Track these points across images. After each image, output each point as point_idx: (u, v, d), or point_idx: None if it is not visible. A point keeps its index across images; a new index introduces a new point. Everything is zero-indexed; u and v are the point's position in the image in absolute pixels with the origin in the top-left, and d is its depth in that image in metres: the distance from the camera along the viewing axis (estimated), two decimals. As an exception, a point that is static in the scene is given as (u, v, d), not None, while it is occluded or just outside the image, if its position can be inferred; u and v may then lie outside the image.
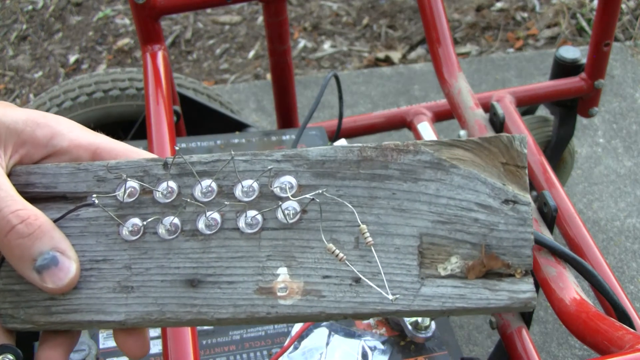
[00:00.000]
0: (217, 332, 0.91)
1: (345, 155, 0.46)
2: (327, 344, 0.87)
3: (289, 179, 0.46)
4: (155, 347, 0.88)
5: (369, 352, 0.87)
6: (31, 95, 2.21)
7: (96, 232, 0.46)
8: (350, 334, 0.89)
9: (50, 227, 0.43)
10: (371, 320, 0.92)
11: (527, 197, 0.45)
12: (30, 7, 2.52)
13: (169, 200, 0.46)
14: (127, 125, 1.35)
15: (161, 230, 0.46)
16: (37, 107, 1.34)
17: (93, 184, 0.47)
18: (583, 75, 1.39)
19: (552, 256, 0.85)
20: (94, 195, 0.46)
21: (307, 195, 0.46)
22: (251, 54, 2.32)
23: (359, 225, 0.45)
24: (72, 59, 2.33)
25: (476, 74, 2.15)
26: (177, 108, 1.19)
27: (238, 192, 0.46)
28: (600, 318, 0.74)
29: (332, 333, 0.88)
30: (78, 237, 0.46)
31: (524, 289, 0.44)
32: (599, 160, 1.87)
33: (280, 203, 0.46)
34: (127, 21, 2.45)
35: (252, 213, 0.46)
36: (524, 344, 0.90)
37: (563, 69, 1.40)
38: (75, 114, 1.32)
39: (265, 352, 0.89)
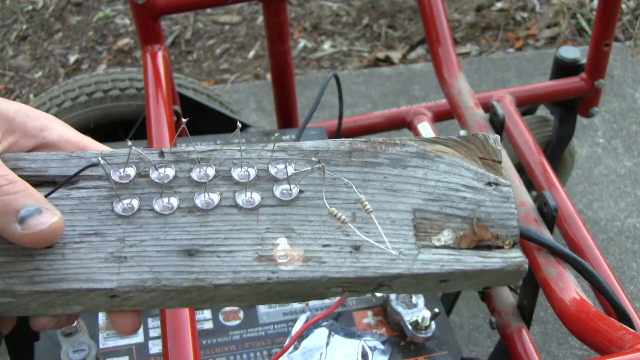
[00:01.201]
0: (217, 332, 0.91)
1: (337, 147, 0.49)
2: (327, 344, 0.87)
3: (284, 165, 0.48)
4: (156, 347, 0.88)
5: (369, 352, 0.87)
6: (31, 95, 2.21)
7: (88, 210, 0.46)
8: (350, 334, 0.89)
9: (36, 192, 0.43)
10: (371, 320, 0.92)
11: (507, 181, 0.50)
12: (30, 7, 2.52)
13: (166, 181, 0.47)
14: (127, 125, 1.35)
15: (157, 207, 0.46)
16: (37, 107, 1.34)
17: (87, 168, 0.47)
18: (583, 75, 1.39)
19: (552, 256, 0.85)
20: (100, 156, 0.46)
21: (313, 159, 0.48)
22: (251, 54, 2.32)
23: (357, 200, 0.47)
24: (72, 59, 2.33)
25: (476, 74, 2.15)
26: (177, 108, 1.19)
27: (235, 174, 0.48)
28: (600, 318, 0.74)
29: (332, 333, 0.88)
30: (69, 214, 0.45)
31: (514, 255, 0.47)
32: (599, 160, 1.87)
33: (279, 182, 0.47)
34: (127, 21, 2.45)
35: (250, 192, 0.47)
36: (524, 344, 0.90)
37: (563, 69, 1.40)
38: (75, 114, 1.32)
39: (265, 352, 0.89)
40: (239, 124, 0.48)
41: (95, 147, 0.49)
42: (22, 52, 2.37)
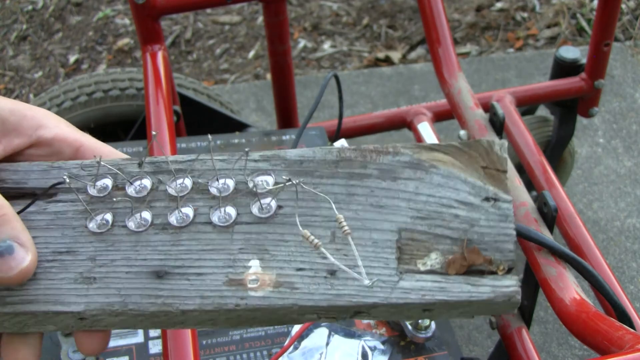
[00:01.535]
0: (217, 332, 0.91)
1: (323, 156, 0.46)
2: (327, 344, 0.87)
3: (265, 177, 0.45)
4: (156, 347, 0.88)
5: (369, 352, 0.87)
6: (31, 95, 2.21)
7: (62, 225, 0.44)
8: (350, 334, 0.89)
9: (13, 217, 0.42)
10: (371, 320, 0.92)
11: (508, 196, 0.45)
12: (30, 7, 2.52)
13: (141, 195, 0.45)
14: (127, 125, 1.35)
15: (130, 224, 0.44)
16: (37, 107, 1.34)
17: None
18: (583, 75, 1.39)
19: (552, 256, 0.85)
20: (65, 175, 0.45)
21: (283, 177, 0.45)
22: (251, 54, 2.32)
23: (336, 220, 0.43)
24: (72, 59, 2.33)
25: (476, 74, 2.15)
26: (177, 108, 1.19)
27: (213, 188, 0.45)
28: (600, 318, 0.74)
29: (332, 333, 0.88)
30: (43, 229, 0.44)
31: (507, 284, 0.42)
32: (599, 160, 1.87)
33: (256, 198, 0.45)
34: (127, 21, 2.45)
35: (226, 208, 0.45)
36: (524, 344, 0.90)
37: (563, 69, 1.40)
38: (75, 114, 1.32)
39: (265, 352, 0.89)
40: (209, 137, 0.48)
41: (91, 144, 0.48)
42: (22, 52, 2.37)
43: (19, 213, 0.44)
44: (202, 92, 1.43)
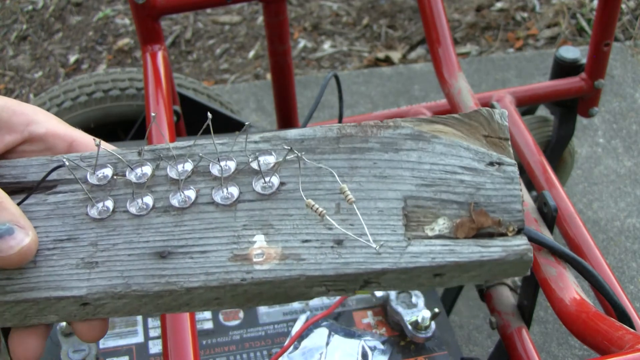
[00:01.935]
0: (217, 332, 0.91)
1: (324, 133, 0.46)
2: (327, 344, 0.87)
3: (266, 157, 0.45)
4: (156, 347, 0.88)
5: (369, 352, 0.87)
6: (31, 95, 2.21)
7: (63, 214, 0.44)
8: (350, 334, 0.89)
9: (10, 204, 0.42)
10: (371, 320, 0.92)
11: (513, 160, 0.44)
12: (30, 7, 2.52)
13: (142, 181, 0.45)
14: (127, 125, 1.35)
15: (132, 208, 0.44)
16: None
17: (64, 172, 0.46)
18: (583, 75, 1.39)
19: (552, 256, 0.85)
20: (65, 157, 0.45)
21: (285, 147, 0.45)
22: (251, 54, 2.32)
23: (340, 190, 0.43)
24: (72, 59, 2.33)
25: (476, 74, 2.15)
26: (177, 108, 1.19)
27: (214, 170, 0.45)
28: (600, 318, 0.74)
29: (332, 333, 0.88)
30: (44, 219, 0.44)
31: (518, 243, 0.42)
32: (599, 160, 1.87)
33: (259, 176, 0.45)
34: (127, 21, 2.45)
35: (228, 187, 0.45)
36: (524, 344, 0.90)
37: (563, 69, 1.40)
38: (75, 114, 1.32)
39: (265, 352, 0.89)
40: (209, 114, 0.47)
41: (83, 139, 0.48)
42: (22, 52, 2.37)
43: (19, 204, 0.44)
44: (202, 92, 1.43)
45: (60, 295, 0.42)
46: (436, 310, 0.88)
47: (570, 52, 1.40)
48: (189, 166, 0.45)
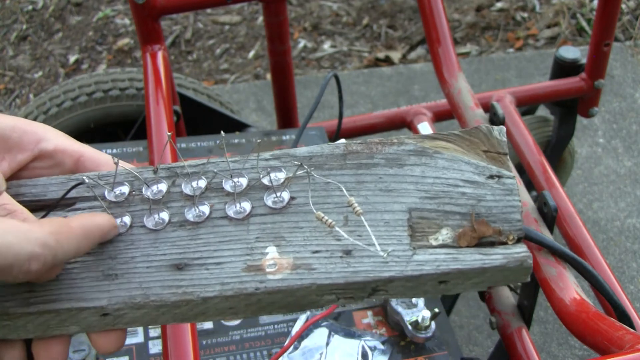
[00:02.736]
0: (217, 332, 0.91)
1: (331, 150, 0.48)
2: (327, 344, 0.87)
3: (277, 173, 0.48)
4: (156, 347, 0.88)
5: (369, 352, 0.87)
6: (31, 95, 2.21)
7: None
8: (350, 334, 0.89)
9: (34, 220, 0.43)
10: (371, 320, 0.92)
11: (511, 173, 0.47)
12: (30, 7, 2.52)
13: (158, 197, 0.47)
14: (127, 125, 1.35)
15: (149, 223, 0.46)
16: (37, 107, 1.34)
17: (83, 190, 0.47)
18: (583, 75, 1.39)
19: (552, 256, 0.85)
20: (84, 175, 0.47)
21: (295, 162, 0.47)
22: (251, 54, 2.32)
23: (347, 203, 0.45)
24: (72, 59, 2.33)
25: (476, 74, 2.15)
26: (177, 108, 1.19)
27: (227, 186, 0.47)
28: (600, 318, 0.74)
29: (332, 333, 0.88)
30: None
31: (518, 250, 0.44)
32: (599, 160, 1.87)
33: (269, 191, 0.47)
34: (127, 21, 2.45)
35: (241, 202, 0.47)
36: (524, 344, 0.90)
37: (563, 69, 1.40)
38: (75, 114, 1.32)
39: (265, 352, 0.89)
40: (223, 133, 0.49)
41: (91, 154, 0.49)
42: (22, 52, 2.37)
43: (42, 217, 0.46)
44: (202, 92, 1.43)
45: (82, 306, 0.44)
46: (436, 310, 0.88)
47: (570, 52, 1.40)
48: (202, 183, 0.48)
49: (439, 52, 1.19)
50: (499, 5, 2.44)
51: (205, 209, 0.47)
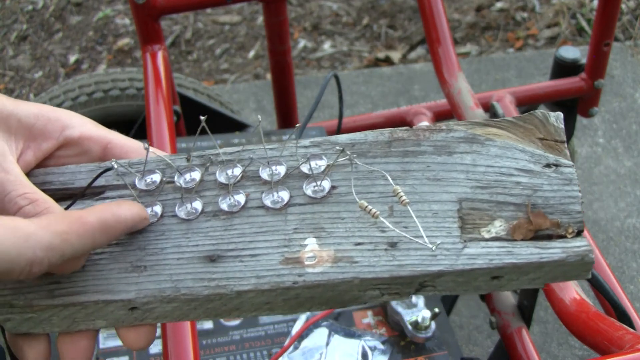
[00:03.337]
0: (217, 332, 0.91)
1: (375, 138, 0.45)
2: (327, 344, 0.87)
3: (317, 161, 0.45)
4: (156, 347, 0.88)
5: (369, 352, 0.87)
6: (31, 95, 2.21)
7: None
8: (350, 334, 0.89)
9: (57, 209, 0.42)
10: (371, 320, 0.92)
11: (570, 162, 0.44)
12: (30, 7, 2.52)
13: (191, 186, 0.45)
14: (127, 125, 1.35)
15: (180, 213, 0.44)
16: (37, 107, 1.35)
17: (113, 178, 0.45)
18: (583, 75, 1.39)
19: (552, 256, 0.85)
20: (113, 161, 0.45)
21: (337, 148, 0.44)
22: (251, 54, 2.32)
23: (393, 192, 0.42)
24: (72, 59, 2.33)
25: (476, 74, 2.15)
26: (177, 108, 1.19)
27: (264, 174, 0.45)
28: (600, 318, 0.74)
29: (332, 333, 0.88)
30: None
31: (579, 244, 0.41)
32: (599, 160, 1.87)
33: (309, 179, 0.44)
34: (127, 21, 2.45)
35: (278, 191, 0.44)
36: (524, 344, 0.90)
37: (563, 69, 1.40)
38: (75, 114, 1.32)
39: (265, 352, 0.89)
40: (259, 117, 0.47)
41: (119, 140, 0.47)
42: (22, 52, 2.37)
43: (66, 208, 0.44)
44: (202, 92, 1.43)
45: (109, 298, 0.42)
46: (436, 310, 0.88)
47: (570, 52, 1.40)
48: (237, 171, 0.45)
49: (439, 52, 1.19)
50: (499, 5, 2.44)
51: (240, 198, 0.44)
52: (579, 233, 0.42)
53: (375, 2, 2.48)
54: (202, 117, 0.45)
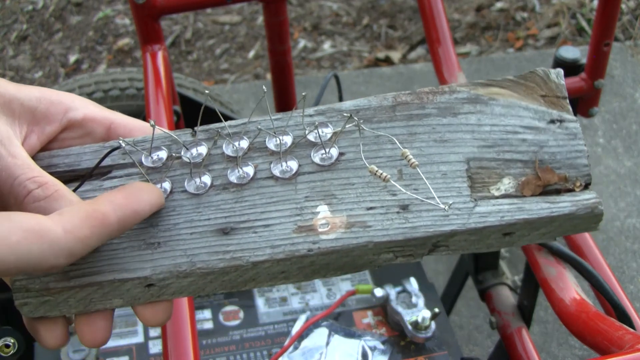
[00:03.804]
0: (217, 332, 0.91)
1: (379, 103, 0.46)
2: (327, 344, 0.87)
3: (323, 128, 0.45)
4: (156, 347, 0.88)
5: (369, 352, 0.87)
6: (31, 95, 2.21)
7: None
8: (350, 334, 0.89)
9: (67, 191, 0.41)
10: (371, 320, 0.92)
11: (574, 117, 0.44)
12: (30, 7, 2.52)
13: (198, 160, 0.45)
14: (127, 125, 1.34)
15: (190, 188, 0.44)
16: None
17: (119, 157, 0.45)
18: (583, 75, 1.39)
19: (552, 256, 0.85)
20: (120, 139, 0.44)
21: (344, 114, 0.44)
22: (251, 54, 2.32)
23: (401, 155, 0.43)
24: (72, 59, 2.33)
25: (476, 74, 2.15)
26: (177, 108, 1.19)
27: (271, 145, 0.45)
28: (600, 318, 0.74)
29: (332, 333, 0.88)
30: None
31: (587, 197, 0.42)
32: (599, 160, 1.87)
33: (316, 147, 0.44)
34: (127, 21, 2.45)
35: (287, 161, 0.44)
36: (524, 344, 0.90)
37: (563, 69, 1.40)
38: (75, 114, 1.32)
39: (265, 352, 0.89)
40: (264, 88, 0.46)
41: (122, 120, 0.47)
42: (22, 52, 2.37)
43: (74, 190, 0.43)
44: (202, 92, 1.43)
45: (125, 277, 0.42)
46: (436, 310, 0.88)
47: (570, 52, 1.40)
48: (244, 143, 0.45)
49: (439, 52, 1.19)
50: (499, 5, 2.44)
51: (249, 169, 0.44)
52: (586, 186, 0.43)
53: (375, 2, 2.48)
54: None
